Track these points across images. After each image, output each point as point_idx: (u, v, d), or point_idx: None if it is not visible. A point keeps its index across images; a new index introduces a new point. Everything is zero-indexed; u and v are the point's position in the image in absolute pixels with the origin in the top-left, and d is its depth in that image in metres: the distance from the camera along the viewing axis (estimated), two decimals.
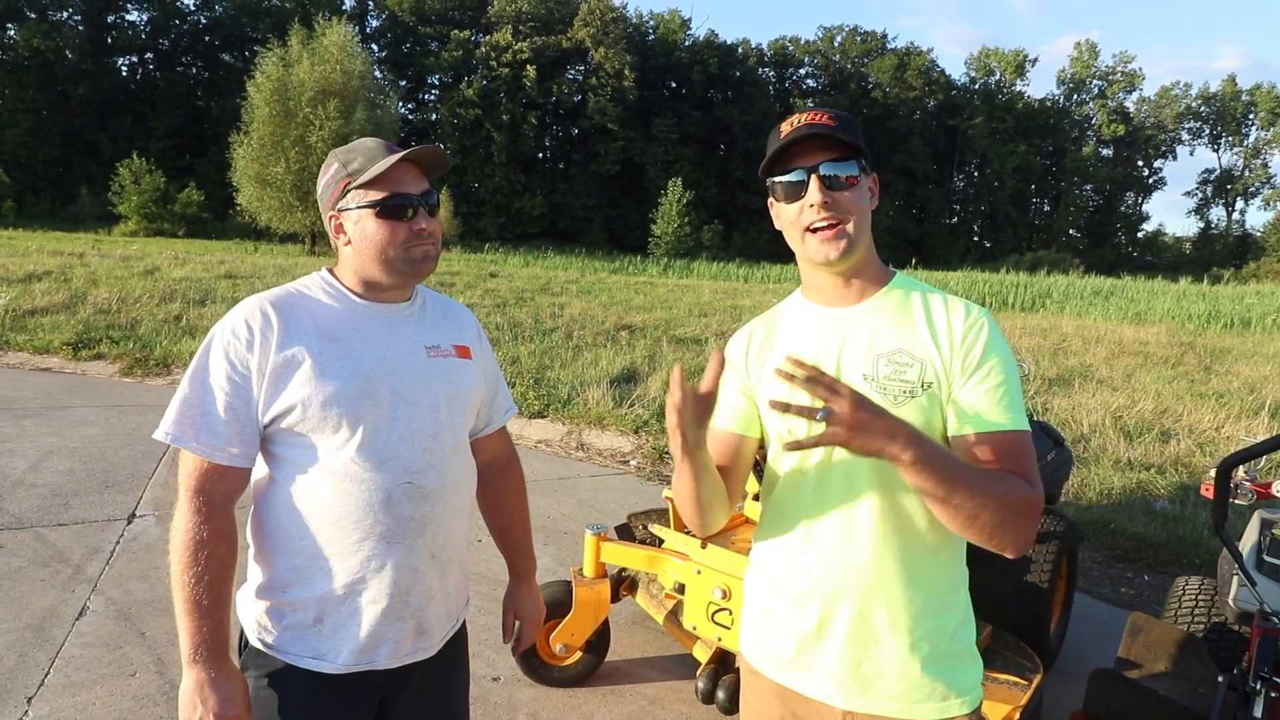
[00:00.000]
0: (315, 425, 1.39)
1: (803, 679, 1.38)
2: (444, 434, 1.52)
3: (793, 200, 1.33)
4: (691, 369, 9.41)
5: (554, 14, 60.26)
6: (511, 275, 23.95)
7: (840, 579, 1.32)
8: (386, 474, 1.42)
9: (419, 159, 1.48)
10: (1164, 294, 26.92)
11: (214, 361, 1.38)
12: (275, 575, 1.44)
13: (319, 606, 1.43)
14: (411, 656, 1.52)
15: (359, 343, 1.45)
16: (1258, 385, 10.24)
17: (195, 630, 1.33)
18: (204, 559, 1.33)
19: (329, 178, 1.48)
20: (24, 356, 8.60)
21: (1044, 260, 51.17)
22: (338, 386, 1.39)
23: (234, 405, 1.37)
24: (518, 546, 1.84)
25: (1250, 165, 75.86)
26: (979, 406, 1.26)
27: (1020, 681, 2.57)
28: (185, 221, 39.94)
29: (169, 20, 58.18)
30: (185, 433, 1.36)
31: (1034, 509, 1.21)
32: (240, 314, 1.41)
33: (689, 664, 3.25)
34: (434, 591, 1.53)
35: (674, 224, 48.76)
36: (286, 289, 1.48)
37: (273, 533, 1.43)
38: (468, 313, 1.72)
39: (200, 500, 1.36)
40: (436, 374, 1.52)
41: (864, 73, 70.06)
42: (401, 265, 1.46)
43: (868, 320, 1.36)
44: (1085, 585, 4.49)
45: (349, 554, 1.42)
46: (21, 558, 3.85)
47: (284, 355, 1.38)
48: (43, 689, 2.85)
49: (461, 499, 1.57)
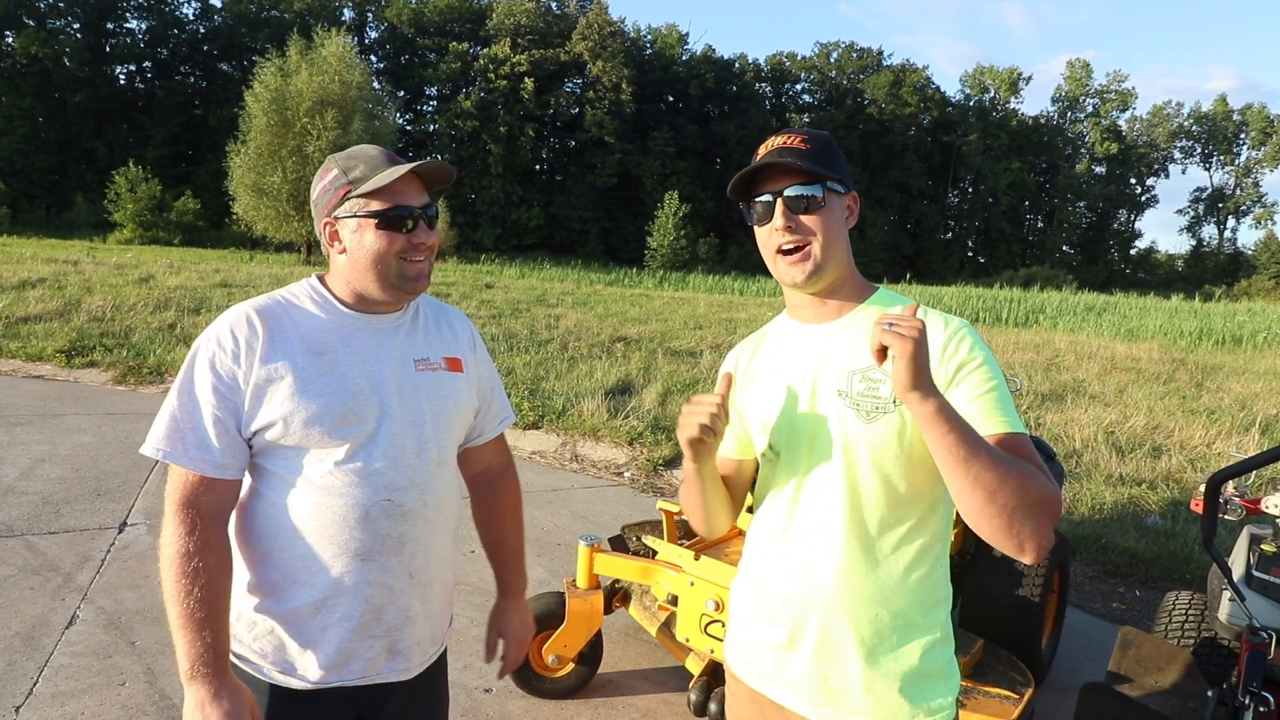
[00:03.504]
0: (297, 440, 1.37)
1: (776, 688, 1.41)
2: (428, 451, 1.48)
3: (764, 223, 1.37)
4: (686, 381, 9.42)
5: (552, 27, 60.53)
6: (508, 286, 23.96)
7: (807, 593, 1.35)
8: (366, 490, 1.40)
9: (424, 173, 1.45)
10: (1156, 310, 27.04)
11: (200, 374, 1.35)
12: (250, 586, 1.41)
13: (291, 620, 1.40)
14: (384, 676, 1.48)
15: (344, 357, 1.42)
16: (1248, 402, 10.29)
17: (191, 645, 1.29)
18: (194, 571, 1.30)
19: (327, 183, 1.44)
20: (17, 364, 8.57)
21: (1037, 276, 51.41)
22: (321, 404, 1.37)
23: (222, 418, 1.34)
24: (509, 563, 1.78)
25: (1241, 184, 76.45)
26: (975, 413, 1.25)
27: (1012, 695, 2.58)
28: (181, 230, 39.81)
29: (168, 29, 58.23)
30: (175, 448, 1.33)
31: (1053, 503, 1.17)
32: (225, 324, 1.38)
33: (682, 676, 3.25)
34: (414, 613, 1.49)
35: (670, 237, 48.82)
36: (273, 297, 1.45)
37: (251, 543, 1.41)
38: (464, 320, 1.67)
39: (188, 512, 1.33)
40: (423, 388, 1.49)
41: (860, 89, 70.44)
42: (396, 281, 1.43)
43: (845, 336, 1.38)
44: (1077, 600, 4.50)
45: (323, 569, 1.39)
46: (11, 566, 3.83)
47: (267, 369, 1.35)
48: (31, 698, 2.83)
49: (445, 518, 1.53)
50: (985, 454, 1.12)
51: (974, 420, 1.24)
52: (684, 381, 9.43)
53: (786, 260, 1.35)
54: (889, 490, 1.32)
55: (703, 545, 3.16)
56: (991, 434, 1.22)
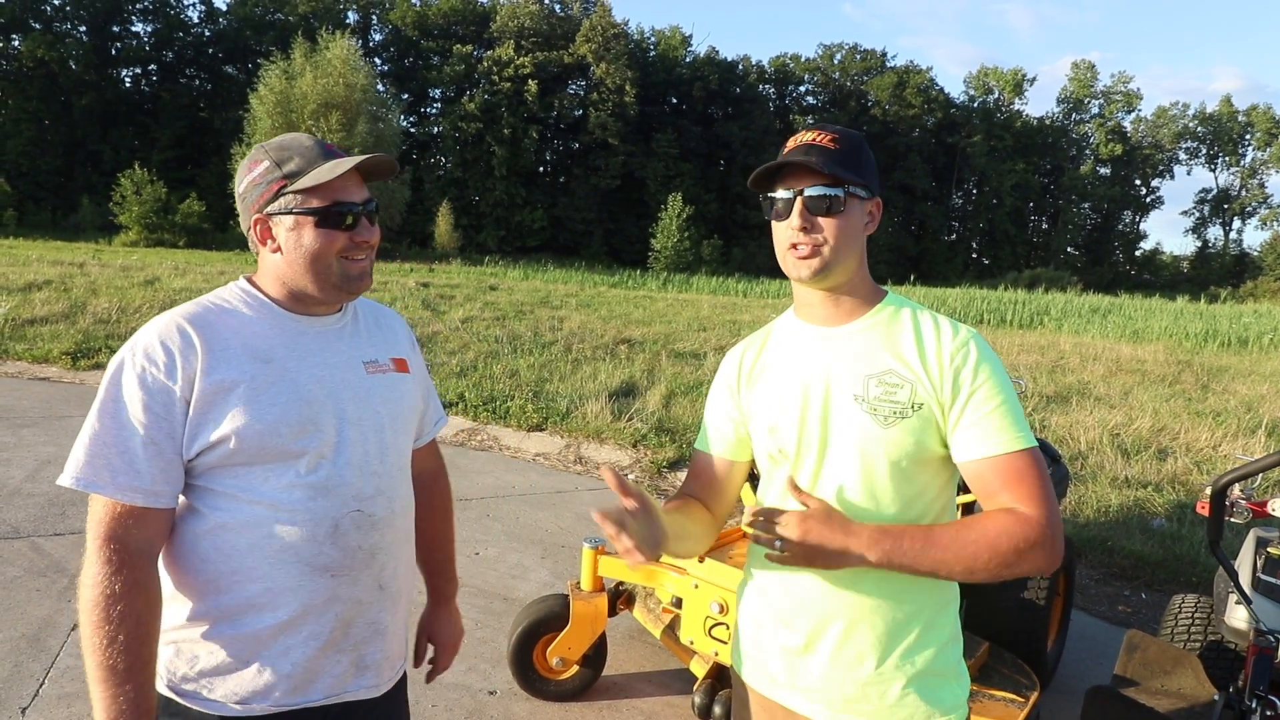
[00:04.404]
0: (251, 457, 1.24)
1: (788, 694, 1.39)
2: (390, 456, 1.40)
3: (782, 219, 1.35)
4: (689, 383, 9.42)
5: (556, 30, 60.64)
6: (511, 288, 23.99)
7: (826, 598, 1.34)
8: (332, 502, 1.29)
9: (366, 169, 1.34)
10: (1161, 312, 26.96)
11: (128, 390, 1.20)
12: (194, 615, 1.27)
13: (248, 645, 1.27)
14: (352, 694, 1.38)
15: (293, 362, 1.30)
16: (1254, 404, 10.25)
17: (112, 700, 1.15)
18: (117, 616, 1.15)
19: (257, 176, 1.31)
20: (23, 365, 8.61)
21: (1042, 277, 51.32)
22: (276, 414, 1.25)
23: (155, 439, 1.20)
24: (440, 568, 1.72)
25: (1247, 185, 76.26)
26: (979, 433, 1.26)
27: (1017, 699, 2.57)
28: (186, 232, 39.93)
29: (173, 32, 58.47)
30: (99, 475, 1.17)
31: (1035, 539, 1.22)
32: (153, 334, 1.23)
33: (686, 679, 3.24)
34: (383, 626, 1.41)
35: (674, 238, 48.88)
36: (201, 304, 1.32)
37: (194, 568, 1.26)
38: (400, 320, 1.59)
39: (112, 549, 1.17)
40: (377, 391, 1.39)
41: (863, 90, 70.46)
42: (338, 281, 1.33)
43: (858, 340, 1.37)
44: (1082, 603, 4.49)
45: (289, 591, 1.27)
46: (17, 567, 3.84)
47: (212, 382, 1.22)
48: (37, 699, 2.84)
49: (409, 524, 1.47)
50: (949, 557, 1.21)
51: (976, 442, 1.26)
52: (688, 383, 9.42)
53: (794, 255, 1.34)
54: (905, 493, 1.32)
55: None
56: (997, 454, 1.25)
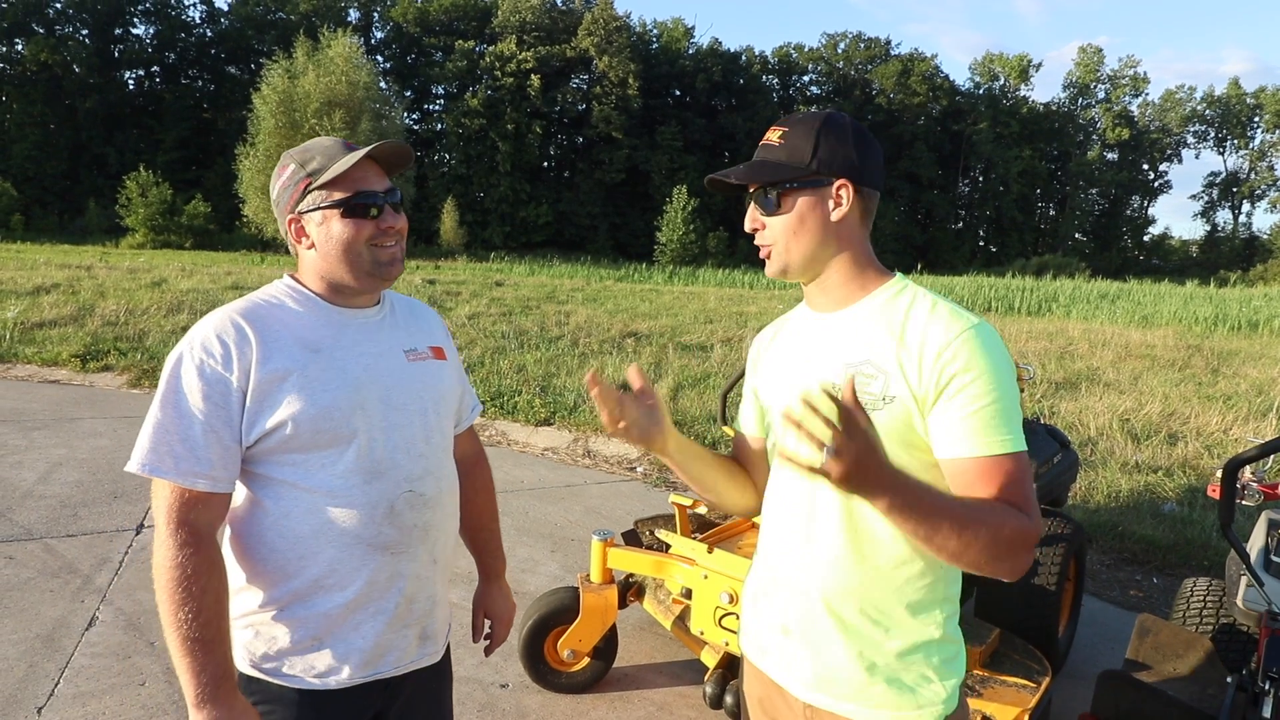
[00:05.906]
0: (306, 442, 1.33)
1: (773, 665, 1.43)
2: (435, 438, 1.50)
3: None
4: (696, 375, 9.42)
5: (558, 24, 60.55)
6: (517, 284, 24.01)
7: (796, 578, 1.37)
8: (387, 484, 1.39)
9: (380, 155, 1.42)
10: (1171, 297, 26.84)
11: (187, 382, 1.29)
12: (267, 600, 1.37)
13: (321, 624, 1.37)
14: (417, 663, 1.50)
15: (340, 351, 1.40)
16: (1265, 387, 10.19)
17: (200, 670, 1.25)
18: (198, 591, 1.25)
19: (286, 179, 1.40)
20: (32, 369, 8.65)
21: (1050, 264, 51.15)
22: (329, 399, 1.34)
23: (215, 427, 1.28)
24: (488, 546, 1.82)
25: (1256, 168, 75.57)
26: (964, 431, 1.20)
27: (1029, 684, 2.57)
28: (192, 233, 40.07)
29: (175, 34, 58.61)
30: (164, 462, 1.26)
31: (1027, 539, 1.16)
32: (209, 329, 1.32)
33: (697, 669, 3.25)
34: (440, 597, 1.53)
35: (679, 231, 48.79)
36: (252, 300, 1.41)
37: (263, 557, 1.36)
38: (433, 312, 1.70)
39: (185, 531, 1.27)
40: (419, 377, 1.49)
41: (868, 79, 70.13)
42: (370, 267, 1.41)
43: (846, 327, 1.35)
44: (1093, 588, 4.48)
45: (354, 570, 1.37)
46: (31, 569, 3.87)
47: (267, 372, 1.31)
48: (53, 699, 2.86)
49: (455, 501, 1.57)
50: (948, 525, 1.11)
51: (958, 441, 1.20)
52: (695, 376, 9.42)
53: (761, 254, 1.38)
54: None
55: (716, 538, 3.15)
56: (981, 455, 1.19)
